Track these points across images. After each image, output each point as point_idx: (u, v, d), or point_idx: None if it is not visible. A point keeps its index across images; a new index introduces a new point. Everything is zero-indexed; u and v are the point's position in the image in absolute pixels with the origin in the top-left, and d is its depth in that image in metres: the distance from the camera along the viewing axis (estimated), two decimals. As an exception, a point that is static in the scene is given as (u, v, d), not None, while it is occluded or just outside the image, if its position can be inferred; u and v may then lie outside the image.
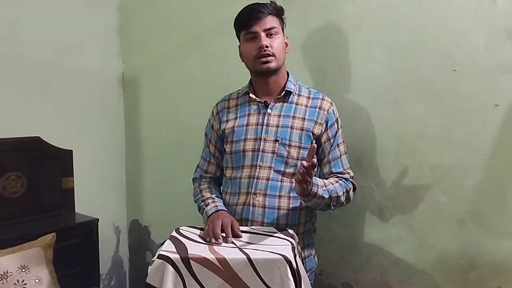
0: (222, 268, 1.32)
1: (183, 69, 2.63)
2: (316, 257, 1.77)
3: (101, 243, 2.59)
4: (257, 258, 1.33)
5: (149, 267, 1.38)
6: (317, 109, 1.66)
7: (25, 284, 2.01)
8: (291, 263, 1.32)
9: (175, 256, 1.35)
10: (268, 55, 1.60)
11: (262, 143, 1.64)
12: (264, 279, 1.32)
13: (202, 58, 2.51)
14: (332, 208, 1.63)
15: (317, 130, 1.65)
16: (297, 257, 1.39)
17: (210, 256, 1.34)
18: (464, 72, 1.64)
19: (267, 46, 1.59)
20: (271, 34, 1.61)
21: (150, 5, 2.80)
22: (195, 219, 1.85)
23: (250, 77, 1.75)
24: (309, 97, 1.69)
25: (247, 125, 1.68)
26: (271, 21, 1.61)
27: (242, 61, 1.71)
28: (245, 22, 1.62)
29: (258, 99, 1.69)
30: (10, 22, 2.43)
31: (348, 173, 1.69)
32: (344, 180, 1.65)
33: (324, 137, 1.66)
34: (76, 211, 2.62)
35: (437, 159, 1.72)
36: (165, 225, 2.81)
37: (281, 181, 1.63)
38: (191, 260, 1.33)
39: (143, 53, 2.87)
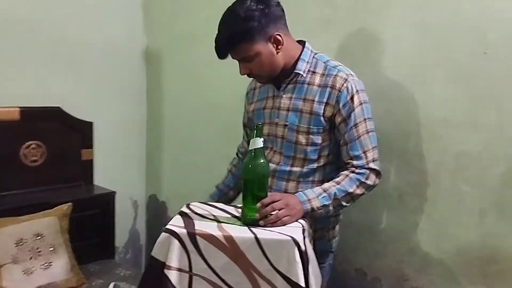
0: (228, 245, 1.29)
1: (208, 46, 2.56)
2: (334, 241, 1.69)
3: (119, 216, 2.62)
4: (265, 238, 1.28)
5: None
6: (328, 89, 1.51)
7: (40, 251, 2.04)
8: (300, 245, 1.27)
9: (181, 231, 1.32)
10: (254, 77, 1.58)
11: (275, 127, 1.59)
12: (271, 260, 1.28)
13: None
14: (349, 205, 1.51)
15: (329, 112, 1.52)
16: (307, 239, 1.34)
17: (217, 233, 1.30)
18: (497, 54, 1.54)
19: (248, 74, 1.54)
20: (248, 61, 1.50)
21: (175, -22, 2.76)
22: (212, 197, 1.85)
23: None
24: (323, 74, 1.54)
25: (264, 108, 1.64)
26: (240, 52, 1.48)
27: None
28: (219, 57, 1.53)
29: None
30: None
31: (366, 157, 1.50)
32: (357, 169, 1.50)
33: (338, 118, 1.52)
34: (94, 183, 2.64)
35: (463, 145, 1.64)
36: (182, 201, 2.76)
37: (291, 165, 1.57)
38: (197, 236, 1.30)
39: (168, 28, 2.84)
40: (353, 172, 1.50)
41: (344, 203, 1.48)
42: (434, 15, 1.69)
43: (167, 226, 1.35)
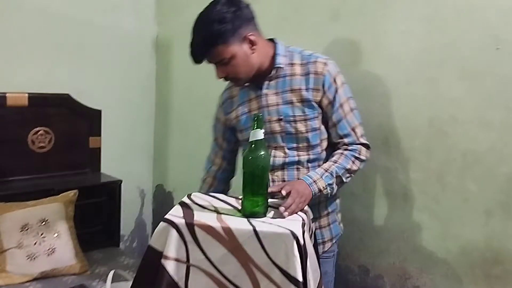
0: (227, 237, 1.28)
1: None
2: (341, 224, 1.72)
3: (125, 204, 2.63)
4: (263, 231, 1.27)
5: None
6: (312, 75, 1.55)
7: (44, 237, 2.06)
8: (298, 239, 1.25)
9: (180, 221, 1.31)
10: (231, 79, 1.57)
11: (268, 125, 1.58)
12: (269, 253, 1.26)
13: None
14: (348, 181, 1.57)
15: (316, 96, 1.55)
16: (306, 234, 1.32)
17: (216, 224, 1.29)
18: (507, 51, 1.50)
19: (225, 77, 1.54)
20: (224, 63, 1.50)
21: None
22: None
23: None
24: (302, 63, 1.57)
25: (249, 111, 1.63)
26: (215, 55, 1.48)
27: None
28: (195, 61, 1.52)
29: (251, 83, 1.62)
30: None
31: (356, 133, 1.57)
32: (349, 146, 1.56)
33: (325, 102, 1.56)
34: (101, 171, 2.65)
35: (470, 143, 1.61)
36: (189, 192, 2.81)
37: (298, 155, 1.58)
38: (195, 226, 1.30)
39: (179, 16, 2.82)
40: (346, 150, 1.56)
41: (344, 179, 1.54)
42: (443, 9, 1.65)
43: (166, 216, 1.36)
